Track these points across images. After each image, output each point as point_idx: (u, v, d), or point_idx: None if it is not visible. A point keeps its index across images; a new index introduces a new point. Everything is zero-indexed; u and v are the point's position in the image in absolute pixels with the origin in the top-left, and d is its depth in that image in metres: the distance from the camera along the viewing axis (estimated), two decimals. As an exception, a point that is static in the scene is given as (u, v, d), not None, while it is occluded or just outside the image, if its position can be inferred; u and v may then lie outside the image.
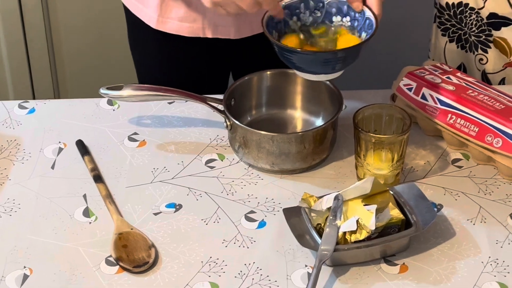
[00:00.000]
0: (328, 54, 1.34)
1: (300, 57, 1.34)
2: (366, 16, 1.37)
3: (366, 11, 1.38)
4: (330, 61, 1.33)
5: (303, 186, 1.41)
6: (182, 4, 1.59)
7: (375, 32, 1.34)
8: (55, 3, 2.44)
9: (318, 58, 1.34)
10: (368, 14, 1.37)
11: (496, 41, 1.76)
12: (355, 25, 1.40)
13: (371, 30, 1.35)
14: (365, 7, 1.38)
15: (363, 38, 1.37)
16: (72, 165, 1.45)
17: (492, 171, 1.44)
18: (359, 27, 1.39)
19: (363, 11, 1.38)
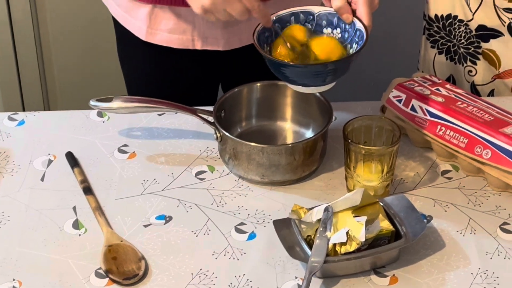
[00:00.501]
0: (318, 67, 1.34)
1: (291, 69, 1.34)
2: (357, 28, 1.38)
3: (356, 23, 1.38)
4: (321, 73, 1.34)
5: (293, 197, 1.41)
6: (172, 16, 1.59)
7: (366, 43, 1.34)
8: (45, 16, 2.44)
9: (308, 71, 1.34)
10: (359, 25, 1.37)
11: (485, 53, 1.77)
12: (346, 36, 1.40)
13: (361, 41, 1.36)
14: (355, 19, 1.38)
15: (354, 49, 1.38)
16: (62, 177, 1.45)
17: (482, 183, 1.44)
18: (349, 38, 1.39)
19: (353, 23, 1.39)
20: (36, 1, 2.41)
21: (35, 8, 2.42)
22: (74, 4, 2.41)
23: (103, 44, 2.47)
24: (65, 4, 2.41)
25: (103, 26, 2.38)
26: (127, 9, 1.62)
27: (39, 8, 2.42)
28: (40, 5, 2.42)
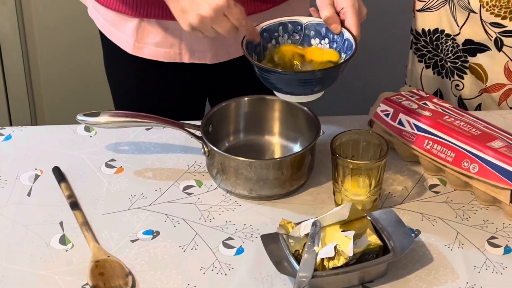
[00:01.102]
0: (307, 74, 1.34)
1: (279, 77, 1.34)
2: (345, 38, 1.38)
3: (345, 33, 1.38)
4: (309, 81, 1.34)
5: (281, 212, 1.40)
6: (159, 29, 1.59)
7: (355, 53, 1.35)
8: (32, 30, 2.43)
9: (296, 78, 1.34)
10: (347, 35, 1.38)
11: (472, 67, 1.77)
12: (334, 46, 1.40)
13: (350, 51, 1.36)
14: (343, 29, 1.39)
15: (343, 59, 1.38)
16: (49, 192, 1.44)
17: (469, 197, 1.44)
18: (338, 48, 1.40)
19: (341, 33, 1.39)
20: (24, 16, 2.41)
21: (22, 22, 2.42)
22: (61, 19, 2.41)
23: (90, 58, 2.46)
24: (52, 19, 2.41)
25: (90, 40, 2.38)
26: (114, 23, 1.62)
27: (26, 22, 2.42)
28: (28, 20, 2.41)
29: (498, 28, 1.74)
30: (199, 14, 1.34)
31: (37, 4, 2.39)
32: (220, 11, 1.33)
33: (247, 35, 1.38)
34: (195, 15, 1.34)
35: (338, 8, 1.39)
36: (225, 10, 1.34)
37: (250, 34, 1.38)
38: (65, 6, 2.38)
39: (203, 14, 1.34)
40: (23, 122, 2.55)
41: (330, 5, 1.39)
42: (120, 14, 1.59)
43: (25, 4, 2.39)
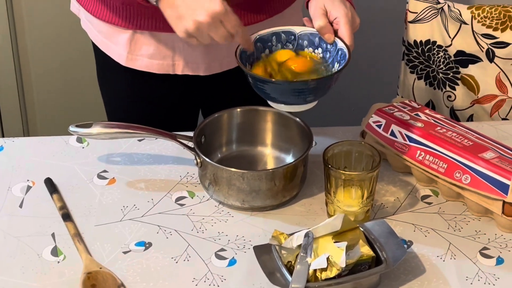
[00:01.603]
0: (300, 84, 1.34)
1: (272, 87, 1.34)
2: (339, 47, 1.38)
3: (338, 42, 1.39)
4: (303, 91, 1.34)
5: (273, 223, 1.40)
6: (152, 41, 1.59)
7: (349, 62, 1.35)
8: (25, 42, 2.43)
9: (290, 88, 1.34)
10: (340, 45, 1.38)
11: (463, 79, 1.78)
12: (327, 56, 1.40)
13: (344, 60, 1.36)
14: (336, 39, 1.39)
15: (336, 68, 1.38)
16: (41, 203, 1.44)
17: (461, 208, 1.44)
18: (331, 58, 1.40)
19: (335, 43, 1.39)
20: (16, 27, 2.41)
21: (15, 34, 2.41)
22: (54, 31, 2.41)
23: (83, 70, 2.46)
24: (45, 30, 2.41)
25: (83, 52, 2.37)
26: (108, 35, 1.62)
27: (19, 34, 2.42)
28: (20, 31, 2.41)
29: (490, 39, 1.75)
30: (196, 20, 1.34)
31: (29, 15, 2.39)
32: (217, 18, 1.34)
33: (242, 44, 1.38)
34: (192, 21, 1.34)
35: (331, 18, 1.40)
36: (222, 17, 1.34)
37: (244, 43, 1.38)
38: (58, 18, 2.38)
39: (200, 20, 1.33)
40: (15, 133, 2.55)
41: (323, 15, 1.39)
42: (113, 26, 1.59)
43: (18, 15, 2.39)
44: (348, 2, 1.42)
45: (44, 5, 2.37)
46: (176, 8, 1.35)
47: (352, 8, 1.42)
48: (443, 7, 1.80)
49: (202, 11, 1.33)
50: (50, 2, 2.37)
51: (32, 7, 2.38)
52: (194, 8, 1.33)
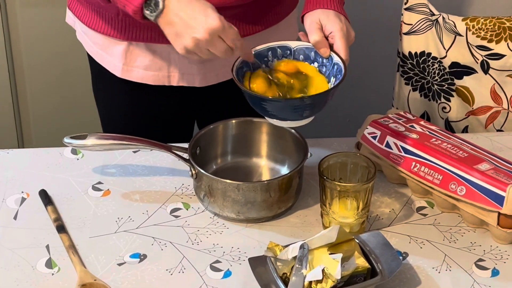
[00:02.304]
0: (296, 101, 1.34)
1: (268, 103, 1.34)
2: (334, 62, 1.38)
3: (334, 57, 1.39)
4: (299, 107, 1.34)
5: (268, 235, 1.40)
6: (147, 53, 1.59)
7: (345, 77, 1.35)
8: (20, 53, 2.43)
9: (286, 105, 1.34)
10: (336, 59, 1.38)
11: (458, 90, 1.78)
12: (323, 70, 1.41)
13: (340, 75, 1.36)
14: (332, 53, 1.39)
15: (333, 83, 1.38)
16: (35, 215, 1.43)
17: (457, 219, 1.44)
18: (327, 72, 1.40)
19: (330, 57, 1.39)
20: (11, 38, 2.41)
21: (10, 45, 2.41)
22: (49, 42, 2.41)
23: (78, 81, 2.46)
24: (40, 41, 2.41)
25: (78, 63, 2.37)
26: (103, 47, 1.62)
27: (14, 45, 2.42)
28: (15, 42, 2.41)
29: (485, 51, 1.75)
30: (194, 37, 1.34)
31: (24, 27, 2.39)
32: (216, 34, 1.34)
33: (242, 56, 1.38)
34: (191, 39, 1.34)
35: (326, 32, 1.40)
36: (220, 33, 1.34)
37: (244, 55, 1.38)
38: (54, 29, 2.38)
39: (199, 37, 1.34)
40: (10, 145, 2.54)
41: (319, 29, 1.40)
42: (108, 37, 1.59)
43: (13, 26, 2.39)
44: (343, 16, 1.42)
45: (39, 16, 2.38)
46: (174, 26, 1.36)
47: (347, 22, 1.43)
48: (437, 18, 1.81)
49: (200, 28, 1.33)
50: (45, 13, 2.37)
51: (27, 18, 2.38)
52: (192, 26, 1.34)
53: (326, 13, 1.41)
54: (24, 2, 2.36)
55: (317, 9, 1.43)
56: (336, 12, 1.42)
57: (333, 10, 1.42)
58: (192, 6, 1.35)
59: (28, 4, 2.36)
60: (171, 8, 1.35)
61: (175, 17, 1.35)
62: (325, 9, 1.42)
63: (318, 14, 1.42)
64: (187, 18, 1.34)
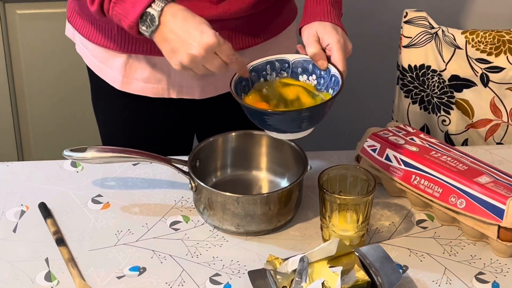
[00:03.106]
0: (294, 113, 1.35)
1: (267, 116, 1.34)
2: (332, 74, 1.39)
3: (332, 69, 1.39)
4: (297, 119, 1.34)
5: (268, 248, 1.40)
6: (147, 65, 1.59)
7: (342, 89, 1.35)
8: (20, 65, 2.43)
9: (284, 117, 1.34)
10: (334, 71, 1.39)
11: (458, 103, 1.78)
12: (321, 82, 1.41)
13: (337, 87, 1.36)
14: (330, 65, 1.39)
15: (330, 95, 1.38)
16: (35, 228, 1.43)
17: (457, 232, 1.44)
18: (325, 84, 1.40)
19: (328, 69, 1.40)
20: (11, 51, 2.41)
21: (9, 57, 2.42)
22: (49, 55, 2.42)
23: (77, 94, 2.46)
24: (40, 54, 2.41)
25: (78, 76, 2.38)
26: (103, 59, 1.62)
27: (13, 57, 2.42)
28: (15, 55, 2.42)
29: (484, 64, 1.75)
30: (190, 54, 1.34)
31: (24, 39, 2.39)
32: (211, 50, 1.34)
33: (237, 71, 1.38)
34: (186, 55, 1.35)
35: (324, 45, 1.40)
36: (215, 49, 1.35)
37: (239, 70, 1.38)
38: (53, 42, 2.38)
39: (194, 53, 1.34)
40: (9, 158, 2.54)
41: (316, 41, 1.40)
42: (108, 50, 1.60)
43: (13, 39, 2.39)
44: (340, 28, 1.43)
45: (39, 29, 2.38)
46: (170, 42, 1.36)
47: (344, 34, 1.43)
48: (437, 32, 1.81)
49: (195, 44, 1.34)
50: (45, 26, 2.38)
51: (27, 31, 2.39)
52: (187, 42, 1.34)
53: (323, 26, 1.42)
54: (24, 15, 2.37)
55: (314, 21, 1.43)
56: (333, 24, 1.42)
57: (330, 23, 1.42)
58: (187, 22, 1.35)
59: (28, 18, 2.37)
60: (166, 24, 1.36)
61: (171, 33, 1.36)
62: (322, 21, 1.42)
63: (315, 26, 1.42)
64: (183, 34, 1.35)
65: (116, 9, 1.38)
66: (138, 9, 1.36)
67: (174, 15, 1.36)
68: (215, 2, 1.51)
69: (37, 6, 2.36)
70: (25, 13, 2.37)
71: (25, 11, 2.36)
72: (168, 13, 1.36)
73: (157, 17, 1.36)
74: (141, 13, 1.36)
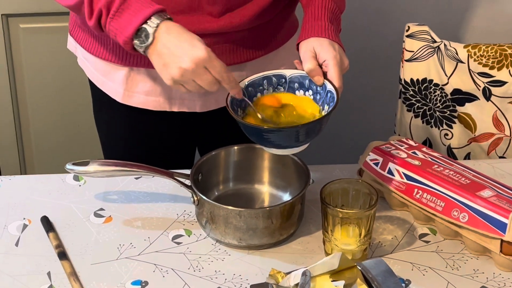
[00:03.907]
0: (289, 130, 1.35)
1: (263, 133, 1.34)
2: (328, 90, 1.39)
3: (328, 85, 1.39)
4: (292, 135, 1.34)
5: (270, 261, 1.40)
6: (148, 79, 1.59)
7: (337, 105, 1.36)
8: (22, 79, 2.44)
9: (279, 133, 1.35)
10: (330, 87, 1.39)
11: (460, 117, 1.78)
12: (317, 98, 1.41)
13: (333, 103, 1.37)
14: (326, 81, 1.40)
15: (326, 111, 1.39)
16: (37, 242, 1.43)
17: (459, 246, 1.44)
18: (321, 100, 1.41)
19: (324, 85, 1.40)
20: (14, 64, 2.42)
21: (13, 71, 2.42)
22: (51, 68, 2.42)
23: (79, 107, 2.47)
24: (43, 67, 2.42)
25: (80, 89, 2.38)
26: (104, 72, 1.62)
27: (16, 71, 2.43)
28: (18, 68, 2.42)
29: (486, 78, 1.75)
30: (180, 67, 1.35)
31: (27, 53, 2.40)
32: (201, 64, 1.35)
33: (228, 89, 1.38)
34: (177, 68, 1.35)
35: (320, 61, 1.41)
36: (206, 63, 1.35)
37: (230, 89, 1.38)
38: (55, 56, 2.39)
39: (184, 67, 1.35)
40: (12, 171, 2.55)
41: (313, 57, 1.41)
42: (110, 63, 1.60)
43: (15, 52, 2.40)
44: (337, 44, 1.43)
45: (41, 42, 2.39)
46: (162, 56, 1.37)
47: (341, 50, 1.43)
48: (439, 45, 1.81)
49: (186, 58, 1.34)
50: (47, 39, 2.38)
51: (31, 44, 2.39)
52: (178, 56, 1.35)
53: (320, 42, 1.42)
54: (26, 29, 2.37)
55: (312, 37, 1.43)
56: (330, 40, 1.42)
57: (327, 39, 1.42)
58: (181, 38, 1.36)
59: (30, 31, 2.38)
60: (160, 40, 1.37)
61: (164, 48, 1.36)
62: (319, 37, 1.43)
63: (312, 42, 1.42)
64: (174, 49, 1.36)
65: (112, 24, 1.39)
66: (134, 25, 1.37)
67: (168, 31, 1.37)
68: (216, 15, 1.51)
69: (39, 20, 2.37)
70: (28, 27, 2.37)
71: (28, 25, 2.37)
72: (163, 29, 1.37)
73: (151, 33, 1.37)
74: (137, 29, 1.37)
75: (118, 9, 1.38)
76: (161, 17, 1.37)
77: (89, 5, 1.40)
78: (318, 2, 1.48)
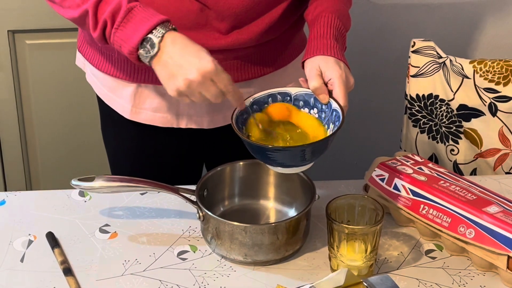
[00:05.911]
0: (295, 149, 1.35)
1: (269, 152, 1.34)
2: (333, 108, 1.39)
3: (333, 103, 1.39)
4: (298, 155, 1.34)
5: (276, 278, 1.39)
6: (156, 95, 1.60)
7: (342, 124, 1.35)
8: (29, 95, 2.45)
9: (284, 153, 1.34)
10: (335, 106, 1.39)
11: (466, 132, 1.78)
12: (323, 116, 1.41)
13: (338, 121, 1.36)
14: (331, 99, 1.40)
15: (331, 129, 1.38)
16: (42, 258, 1.43)
17: (466, 262, 1.43)
18: (326, 118, 1.40)
19: (329, 103, 1.40)
20: (20, 80, 2.42)
21: (19, 87, 2.43)
22: (58, 84, 2.43)
23: (86, 123, 2.47)
24: (49, 83, 2.43)
25: (87, 105, 2.39)
26: (112, 89, 1.63)
27: (23, 86, 2.43)
28: (24, 84, 2.43)
29: (492, 93, 1.75)
30: (186, 79, 1.35)
31: (34, 69, 2.41)
32: (208, 76, 1.35)
33: (233, 102, 1.39)
34: (183, 80, 1.35)
35: (326, 79, 1.41)
36: (213, 76, 1.35)
37: (235, 102, 1.38)
38: (62, 72, 2.40)
39: (191, 78, 1.35)
40: (18, 187, 2.55)
41: (318, 75, 1.40)
42: (117, 79, 1.60)
43: (22, 69, 2.41)
44: (343, 63, 1.43)
45: (49, 58, 2.39)
46: (168, 67, 1.37)
47: (347, 69, 1.43)
48: (445, 61, 1.81)
49: (193, 70, 1.34)
50: (55, 55, 2.39)
51: (37, 60, 2.40)
52: (185, 67, 1.35)
53: (325, 60, 1.42)
54: (33, 45, 2.38)
55: (317, 55, 1.43)
56: (335, 58, 1.42)
57: (332, 57, 1.42)
58: (187, 49, 1.36)
59: (37, 48, 2.39)
60: (165, 50, 1.37)
61: (169, 58, 1.36)
62: (325, 55, 1.43)
63: (318, 60, 1.42)
64: (180, 60, 1.36)
65: (117, 35, 1.39)
66: (139, 34, 1.37)
67: (174, 42, 1.37)
68: (224, 32, 1.51)
69: (46, 36, 2.37)
70: (34, 43, 2.38)
71: (35, 41, 2.38)
72: (168, 40, 1.37)
73: (157, 43, 1.37)
74: (142, 39, 1.37)
75: (123, 19, 1.38)
76: (166, 27, 1.38)
77: (94, 16, 1.41)
78: (323, 20, 1.48)
